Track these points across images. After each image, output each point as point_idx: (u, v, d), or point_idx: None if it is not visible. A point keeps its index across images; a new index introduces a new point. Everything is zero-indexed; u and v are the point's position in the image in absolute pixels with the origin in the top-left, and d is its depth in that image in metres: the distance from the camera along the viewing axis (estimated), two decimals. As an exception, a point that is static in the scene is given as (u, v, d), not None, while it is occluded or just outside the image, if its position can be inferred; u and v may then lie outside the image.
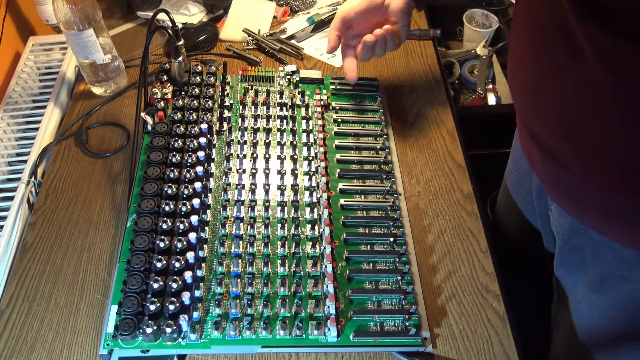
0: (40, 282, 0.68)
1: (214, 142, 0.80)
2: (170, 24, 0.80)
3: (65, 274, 0.69)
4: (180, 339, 0.61)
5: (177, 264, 0.63)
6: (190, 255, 0.64)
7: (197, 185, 0.71)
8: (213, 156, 0.79)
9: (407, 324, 0.64)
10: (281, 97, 0.88)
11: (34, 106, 0.91)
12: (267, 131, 0.83)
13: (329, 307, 0.63)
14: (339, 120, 0.86)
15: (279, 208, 0.73)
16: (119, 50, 0.92)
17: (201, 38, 0.99)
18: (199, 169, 0.73)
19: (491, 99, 1.23)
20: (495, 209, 0.94)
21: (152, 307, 0.60)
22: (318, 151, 0.80)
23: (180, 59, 0.84)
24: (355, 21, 0.79)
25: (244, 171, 0.77)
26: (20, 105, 0.91)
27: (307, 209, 0.74)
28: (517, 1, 0.60)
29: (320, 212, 0.73)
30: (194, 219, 0.67)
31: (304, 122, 0.84)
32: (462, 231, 0.76)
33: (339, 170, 0.79)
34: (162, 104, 0.81)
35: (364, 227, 0.73)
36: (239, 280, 0.66)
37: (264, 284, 0.66)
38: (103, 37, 0.86)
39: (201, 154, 0.75)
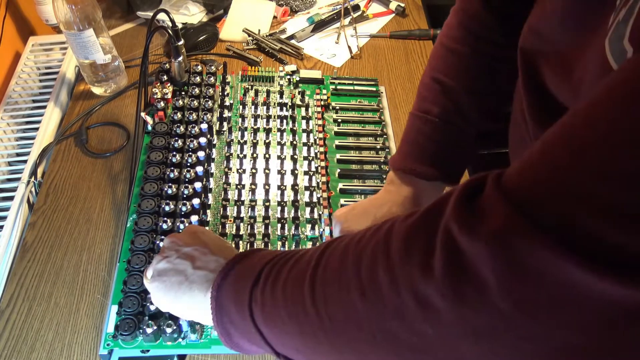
0: (40, 282, 0.68)
1: (214, 142, 0.80)
2: (170, 24, 0.80)
3: (65, 274, 0.69)
4: (180, 339, 0.61)
5: (177, 264, 0.63)
6: (190, 255, 0.64)
7: (197, 185, 0.71)
8: (213, 156, 0.79)
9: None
10: (281, 97, 0.88)
11: (34, 106, 0.91)
12: (267, 131, 0.83)
13: (329, 307, 0.63)
14: (339, 120, 0.86)
15: (279, 208, 0.73)
16: (119, 50, 0.92)
17: (201, 38, 0.99)
18: (199, 169, 0.73)
19: (491, 99, 1.22)
20: None
21: (152, 307, 0.60)
22: (318, 151, 0.79)
23: (180, 59, 0.84)
24: None
25: (244, 171, 0.77)
26: (20, 105, 0.91)
27: (307, 209, 0.74)
28: None
29: (320, 212, 0.73)
30: (194, 219, 0.67)
31: (304, 122, 0.84)
32: (462, 231, 0.76)
33: (339, 170, 0.79)
34: (162, 104, 0.81)
35: (364, 227, 0.73)
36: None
37: (264, 284, 0.65)
38: (103, 37, 0.86)
39: (201, 154, 0.75)
